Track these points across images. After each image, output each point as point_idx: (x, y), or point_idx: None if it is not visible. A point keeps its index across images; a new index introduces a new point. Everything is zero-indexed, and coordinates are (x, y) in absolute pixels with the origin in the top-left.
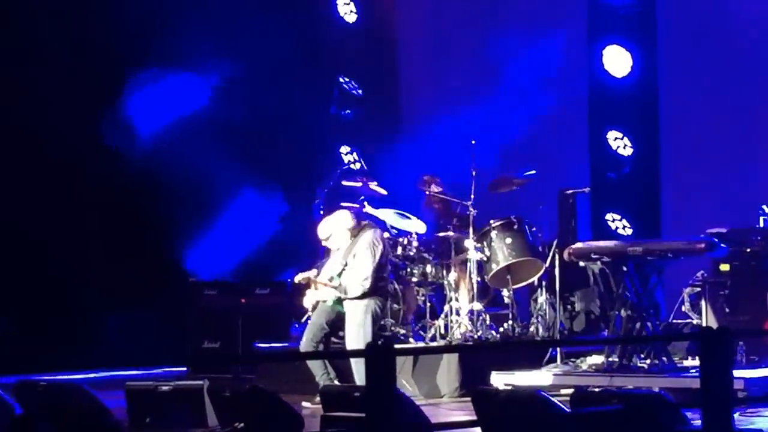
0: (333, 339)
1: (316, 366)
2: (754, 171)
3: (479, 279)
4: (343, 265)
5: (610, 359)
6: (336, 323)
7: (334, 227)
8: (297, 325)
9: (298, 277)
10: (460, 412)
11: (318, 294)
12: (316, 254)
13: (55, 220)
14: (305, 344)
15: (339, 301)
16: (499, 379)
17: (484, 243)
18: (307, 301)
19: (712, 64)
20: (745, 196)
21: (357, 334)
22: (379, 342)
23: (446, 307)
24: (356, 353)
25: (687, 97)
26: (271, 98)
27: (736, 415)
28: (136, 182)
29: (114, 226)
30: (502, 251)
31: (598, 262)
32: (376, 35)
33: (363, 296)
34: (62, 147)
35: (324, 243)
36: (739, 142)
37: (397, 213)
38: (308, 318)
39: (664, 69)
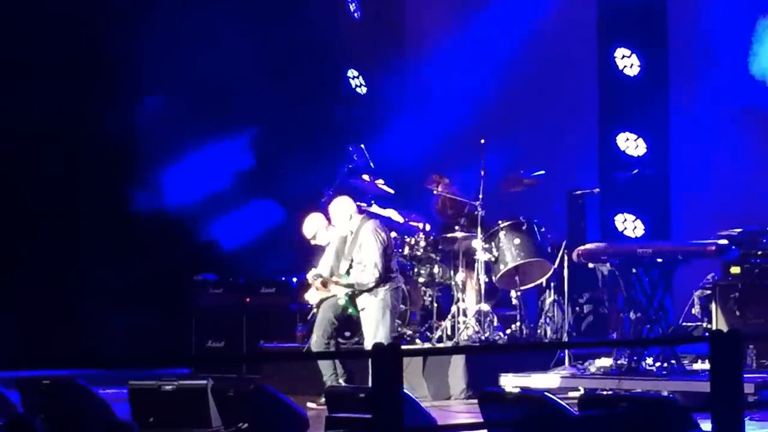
0: (339, 339)
1: (325, 365)
2: (765, 172)
3: (487, 280)
4: (350, 261)
5: (619, 362)
6: (344, 318)
7: (336, 215)
8: (303, 325)
9: (311, 275)
10: (468, 414)
11: (323, 290)
12: (320, 253)
13: (59, 219)
14: (316, 342)
15: (351, 302)
16: (507, 381)
17: (492, 243)
18: (312, 297)
19: (723, 64)
20: (756, 197)
21: (376, 332)
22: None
23: (453, 308)
24: (363, 353)
25: (698, 96)
26: (276, 94)
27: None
28: (138, 179)
29: (118, 224)
30: (510, 252)
31: (608, 264)
32: (383, 30)
33: (377, 285)
34: (63, 146)
35: (312, 242)
36: (750, 143)
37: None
38: (313, 316)
39: (675, 69)
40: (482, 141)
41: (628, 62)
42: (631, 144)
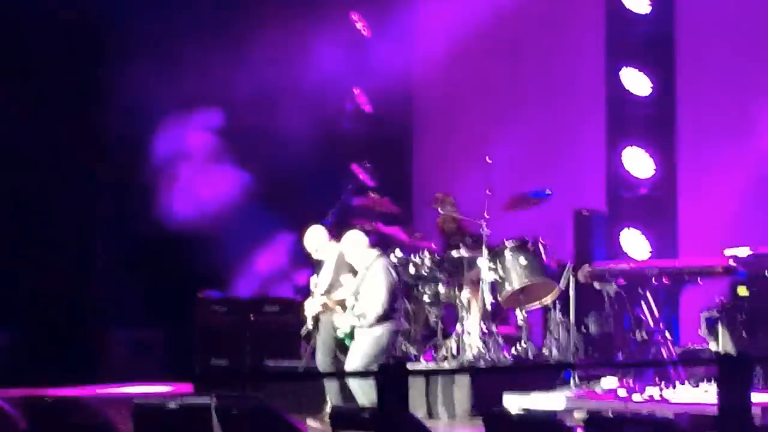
0: (342, 359)
1: (331, 385)
2: None
3: (492, 299)
4: (356, 295)
5: (625, 382)
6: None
7: (348, 251)
8: (307, 344)
9: (314, 284)
10: None
11: (318, 305)
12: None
13: (63, 235)
14: (323, 362)
15: (351, 335)
16: (512, 402)
17: (498, 263)
18: (308, 308)
19: (731, 82)
20: (764, 217)
21: (359, 362)
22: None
23: (458, 328)
24: (369, 374)
25: (705, 116)
26: (282, 114)
27: None
28: (144, 195)
29: (122, 241)
30: (515, 272)
31: (614, 284)
32: (391, 50)
33: (377, 322)
34: (69, 162)
35: (314, 255)
36: (757, 163)
37: None
38: (307, 330)
39: (684, 88)
40: (488, 160)
41: (636, 82)
42: (639, 163)
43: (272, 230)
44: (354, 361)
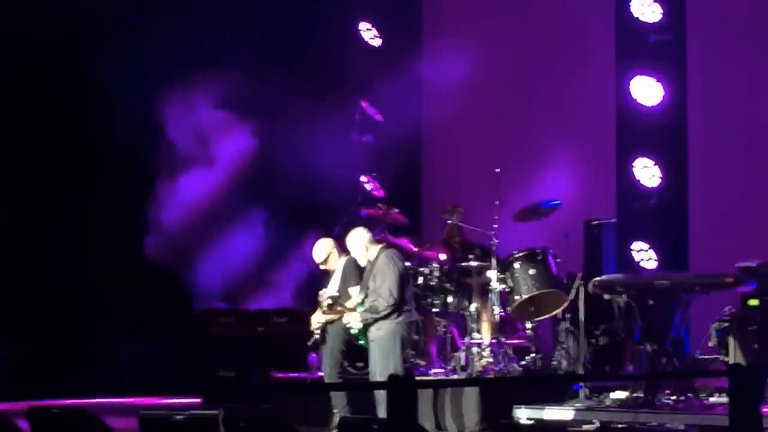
0: (350, 370)
1: (337, 396)
2: None
3: (501, 310)
4: (366, 290)
5: (635, 395)
6: (354, 346)
7: (352, 247)
8: (316, 355)
9: (324, 297)
10: None
11: (329, 313)
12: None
13: (70, 248)
14: (329, 373)
15: (363, 332)
16: (522, 414)
17: (507, 274)
18: (315, 320)
19: (742, 93)
20: None
21: (386, 363)
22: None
23: (467, 339)
24: (378, 385)
25: (716, 126)
26: (290, 126)
27: None
28: (152, 207)
29: (128, 253)
30: (525, 282)
31: (624, 295)
32: (400, 60)
33: (391, 314)
34: (74, 173)
35: (322, 267)
36: None
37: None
38: (315, 341)
39: (694, 98)
40: (497, 170)
41: (646, 91)
42: (649, 173)
43: (281, 242)
44: (380, 362)
